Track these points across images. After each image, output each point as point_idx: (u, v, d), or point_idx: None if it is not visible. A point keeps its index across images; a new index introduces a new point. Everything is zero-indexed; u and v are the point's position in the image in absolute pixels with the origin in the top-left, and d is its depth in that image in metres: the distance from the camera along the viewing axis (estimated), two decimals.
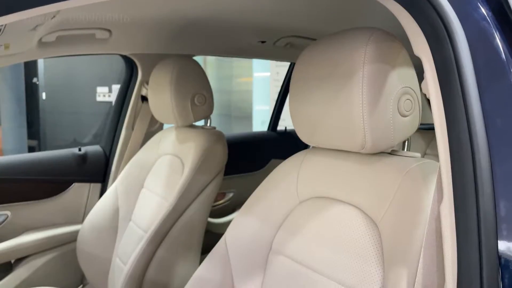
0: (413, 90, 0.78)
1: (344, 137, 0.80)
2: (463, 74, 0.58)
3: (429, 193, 0.69)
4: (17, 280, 1.56)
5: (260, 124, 4.72)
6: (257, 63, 5.06)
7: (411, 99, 0.78)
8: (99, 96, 4.95)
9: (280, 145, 2.24)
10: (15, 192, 1.60)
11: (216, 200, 2.14)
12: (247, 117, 5.12)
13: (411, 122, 0.79)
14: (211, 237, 1.01)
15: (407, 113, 0.77)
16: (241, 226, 0.98)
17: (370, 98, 0.74)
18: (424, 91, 0.64)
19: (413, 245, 0.66)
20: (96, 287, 1.52)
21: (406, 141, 0.84)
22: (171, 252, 1.30)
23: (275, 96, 2.32)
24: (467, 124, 0.56)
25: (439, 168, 0.58)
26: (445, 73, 0.59)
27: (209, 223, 1.97)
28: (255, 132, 2.51)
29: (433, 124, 0.63)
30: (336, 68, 0.79)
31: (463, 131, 0.56)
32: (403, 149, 0.84)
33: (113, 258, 1.46)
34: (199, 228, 1.35)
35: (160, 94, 1.42)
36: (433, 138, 2.09)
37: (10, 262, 1.61)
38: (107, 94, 4.90)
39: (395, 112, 0.76)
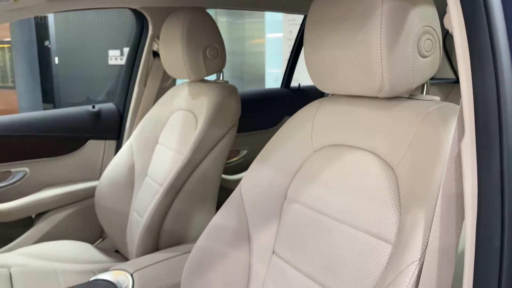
0: (434, 29, 0.75)
1: (361, 80, 0.77)
2: (489, 6, 0.55)
3: (449, 134, 0.68)
4: (39, 233, 1.61)
5: (273, 82, 4.67)
6: (269, 24, 4.95)
7: (432, 39, 0.75)
8: (111, 59, 4.92)
9: (293, 102, 2.21)
10: (32, 149, 1.62)
11: (230, 158, 2.15)
12: (260, 79, 5.07)
13: (431, 64, 0.76)
14: (226, 193, 1.02)
15: (427, 54, 0.75)
16: (255, 176, 0.98)
17: (389, 38, 0.71)
18: (446, 26, 0.61)
19: (431, 187, 0.65)
20: (114, 240, 1.56)
21: (425, 85, 0.81)
22: (187, 204, 1.31)
23: (288, 57, 2.27)
24: (493, 57, 0.54)
25: (461, 104, 0.56)
26: (470, 5, 0.56)
27: (223, 180, 1.98)
28: (268, 89, 2.48)
29: (451, 78, 0.61)
30: (353, 7, 0.76)
31: (488, 64, 0.53)
32: (422, 93, 0.82)
33: (130, 212, 1.49)
34: (214, 180, 1.36)
35: (171, 48, 1.40)
36: (450, 91, 2.05)
37: (31, 216, 1.66)
38: (119, 57, 4.87)
39: (415, 52, 0.73)
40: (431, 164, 0.67)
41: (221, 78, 1.45)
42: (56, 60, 5.07)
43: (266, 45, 5.06)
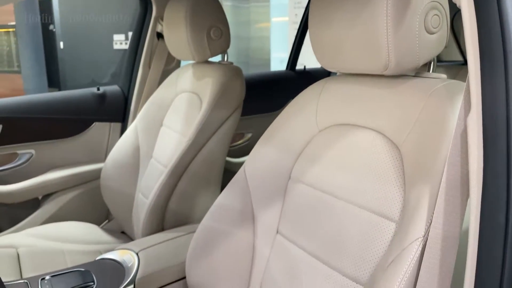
0: (441, 5, 0.73)
1: (367, 58, 0.76)
2: None
3: (455, 111, 0.67)
4: (46, 215, 1.63)
5: (278, 63, 4.64)
6: (274, 7, 4.90)
7: (439, 15, 0.73)
8: (115, 44, 4.91)
9: (299, 85, 2.19)
10: (38, 130, 1.63)
11: (234, 141, 2.15)
12: (266, 64, 5.04)
13: (438, 40, 0.75)
14: (230, 176, 1.02)
15: (434, 30, 0.73)
16: (260, 156, 0.98)
17: (395, 13, 0.70)
18: (454, 0, 0.59)
19: (435, 164, 0.65)
20: (120, 221, 1.57)
21: (432, 62, 0.80)
22: (191, 185, 1.32)
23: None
24: (501, 31, 0.52)
25: (468, 79, 0.55)
26: None
27: (228, 163, 1.99)
28: (274, 71, 2.46)
29: (459, 60, 0.60)
30: None
31: (496, 38, 0.52)
32: (428, 70, 0.80)
33: (136, 194, 1.50)
34: (219, 162, 1.36)
35: (175, 28, 1.39)
36: (457, 73, 2.03)
37: (37, 198, 1.68)
38: (123, 42, 4.86)
39: (422, 28, 0.72)
40: (437, 142, 0.66)
41: (225, 59, 1.44)
42: (61, 44, 5.06)
43: (272, 29, 5.01)
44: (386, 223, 0.71)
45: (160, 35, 1.69)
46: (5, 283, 0.92)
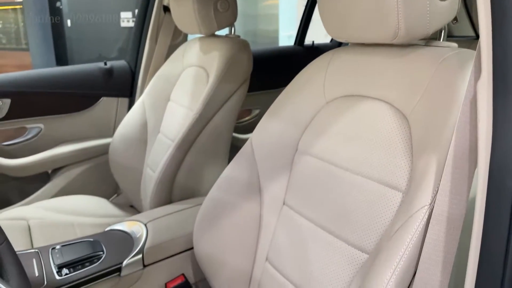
0: None
1: (376, 26, 0.75)
2: None
3: (465, 79, 0.66)
4: (55, 188, 1.66)
5: (286, 39, 4.58)
6: None
7: None
8: (123, 21, 4.87)
9: (307, 60, 2.16)
10: (46, 105, 1.64)
11: (242, 117, 2.15)
12: (274, 43, 4.98)
13: (449, 8, 0.73)
14: (237, 152, 1.02)
15: None
16: (266, 128, 0.98)
17: None
18: None
19: (444, 132, 0.64)
20: (129, 195, 1.59)
21: (443, 31, 0.78)
22: (199, 158, 1.32)
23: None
24: None
25: (479, 44, 0.54)
26: None
27: (235, 139, 1.99)
28: (282, 46, 2.43)
29: (469, 36, 0.58)
30: None
31: (509, 4, 0.51)
32: (438, 39, 0.79)
33: (144, 168, 1.51)
34: (226, 136, 1.36)
35: (182, 1, 1.37)
36: (468, 47, 1.99)
37: (47, 172, 1.70)
38: (130, 19, 4.81)
39: None
40: (446, 110, 0.66)
41: (232, 33, 1.43)
42: (69, 22, 5.04)
43: (280, 7, 4.93)
44: (393, 193, 0.71)
45: (166, 9, 1.67)
46: (16, 252, 0.94)
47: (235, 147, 1.47)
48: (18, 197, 1.63)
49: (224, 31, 1.44)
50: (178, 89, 1.49)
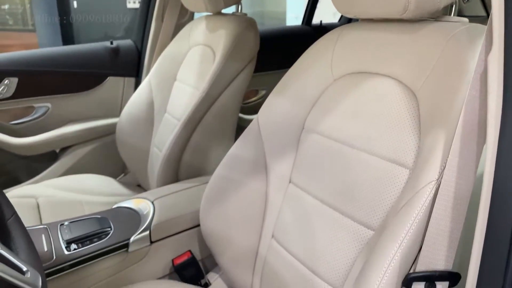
0: None
1: (385, 0, 0.73)
2: None
3: (476, 54, 0.64)
4: (63, 167, 1.67)
5: (294, 20, 4.53)
6: None
7: None
8: (129, 3, 4.83)
9: (315, 40, 2.14)
10: (53, 84, 1.64)
11: (248, 97, 2.14)
12: (281, 25, 4.92)
13: None
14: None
15: None
16: (273, 106, 0.97)
17: None
18: None
19: (453, 109, 0.63)
20: (136, 174, 1.60)
21: (454, 6, 0.77)
22: (205, 137, 1.32)
23: None
24: None
25: (490, 16, 0.53)
26: None
27: (242, 119, 1.99)
28: (289, 26, 2.40)
29: (480, 15, 0.57)
30: None
31: None
32: (449, 14, 0.77)
33: (150, 148, 1.51)
34: (232, 115, 1.36)
35: None
36: None
37: (55, 151, 1.71)
38: (137, 0, 4.77)
39: None
40: (455, 86, 0.65)
41: (239, 11, 1.41)
42: (75, 3, 5.00)
43: None
44: (400, 170, 0.71)
45: None
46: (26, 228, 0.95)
47: (241, 128, 1.46)
48: (26, 176, 1.64)
49: (231, 9, 1.43)
50: (185, 69, 1.48)
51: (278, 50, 2.05)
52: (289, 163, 0.94)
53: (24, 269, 0.62)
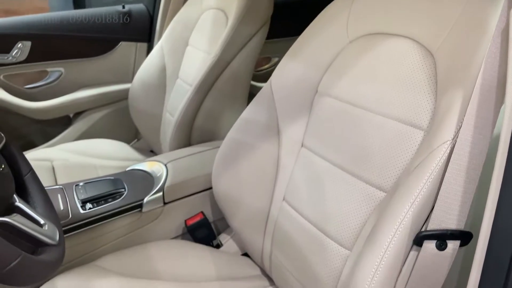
0: None
1: None
2: None
3: (497, 12, 0.62)
4: (77, 132, 1.69)
5: None
6: None
7: None
8: None
9: None
10: (66, 49, 1.64)
11: (261, 65, 2.12)
12: None
13: None
14: None
15: None
16: (286, 70, 0.96)
17: None
18: None
19: (471, 68, 0.62)
20: (149, 140, 1.61)
21: None
22: (217, 102, 1.32)
23: None
24: None
25: None
26: None
27: (254, 87, 1.97)
28: None
29: None
30: None
31: None
32: None
33: (163, 114, 1.52)
34: (245, 80, 1.35)
35: None
36: None
37: (69, 116, 1.73)
38: None
39: None
40: (474, 45, 0.63)
41: None
42: None
43: None
44: (414, 132, 0.70)
45: None
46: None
47: (253, 96, 1.46)
48: (41, 140, 1.67)
49: None
50: (197, 33, 1.46)
51: (292, 16, 2.01)
52: (302, 127, 0.93)
53: (42, 222, 0.63)
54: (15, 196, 0.63)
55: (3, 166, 0.61)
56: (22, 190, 0.71)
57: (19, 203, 0.63)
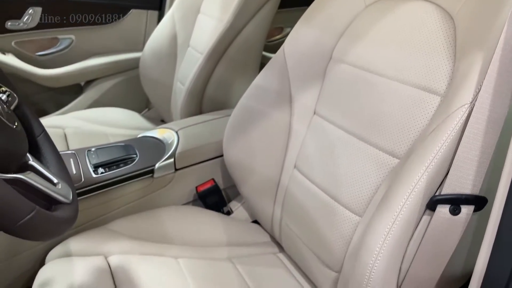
0: None
1: None
2: None
3: None
4: (89, 100, 1.69)
5: None
6: None
7: None
8: None
9: None
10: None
11: (273, 35, 2.08)
12: None
13: None
14: None
15: None
16: (300, 36, 0.94)
17: None
18: None
19: (492, 30, 0.60)
20: (160, 109, 1.61)
21: None
22: (229, 70, 1.31)
23: None
24: None
25: None
26: None
27: (266, 58, 1.95)
28: None
29: None
30: None
31: None
32: None
33: (174, 83, 1.51)
34: (256, 49, 1.33)
35: None
36: None
37: (80, 84, 1.73)
38: None
39: None
40: (496, 5, 0.61)
41: None
42: None
43: None
44: (431, 97, 0.68)
45: None
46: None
47: (263, 66, 1.44)
48: (53, 108, 1.68)
49: None
50: (208, 1, 1.44)
51: None
52: (315, 94, 0.92)
53: (55, 181, 0.64)
54: (28, 155, 0.63)
55: (16, 124, 0.61)
56: (35, 150, 0.71)
57: (32, 162, 0.63)
